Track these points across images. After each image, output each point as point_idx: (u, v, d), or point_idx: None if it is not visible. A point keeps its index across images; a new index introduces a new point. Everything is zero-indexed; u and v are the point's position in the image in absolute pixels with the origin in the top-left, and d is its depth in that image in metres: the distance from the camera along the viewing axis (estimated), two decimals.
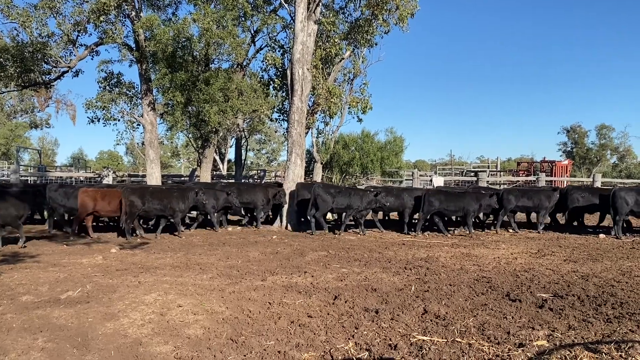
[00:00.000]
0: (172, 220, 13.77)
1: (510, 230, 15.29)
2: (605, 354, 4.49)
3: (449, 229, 14.98)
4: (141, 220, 14.13)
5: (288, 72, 17.43)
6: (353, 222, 15.60)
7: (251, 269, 9.10)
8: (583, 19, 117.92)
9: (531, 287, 7.76)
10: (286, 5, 18.33)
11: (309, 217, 14.79)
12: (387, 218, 18.16)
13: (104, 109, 18.98)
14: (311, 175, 23.97)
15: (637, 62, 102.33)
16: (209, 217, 15.07)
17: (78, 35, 18.54)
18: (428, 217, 14.89)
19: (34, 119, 55.96)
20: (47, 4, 16.77)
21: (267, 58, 20.56)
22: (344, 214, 15.22)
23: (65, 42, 18.33)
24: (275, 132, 52.95)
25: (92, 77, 50.30)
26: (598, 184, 21.58)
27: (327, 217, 17.30)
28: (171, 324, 5.85)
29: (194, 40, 17.84)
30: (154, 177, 19.62)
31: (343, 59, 21.07)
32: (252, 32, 21.64)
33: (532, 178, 27.29)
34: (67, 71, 19.25)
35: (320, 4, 17.12)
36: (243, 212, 16.32)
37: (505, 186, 25.76)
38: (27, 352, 4.96)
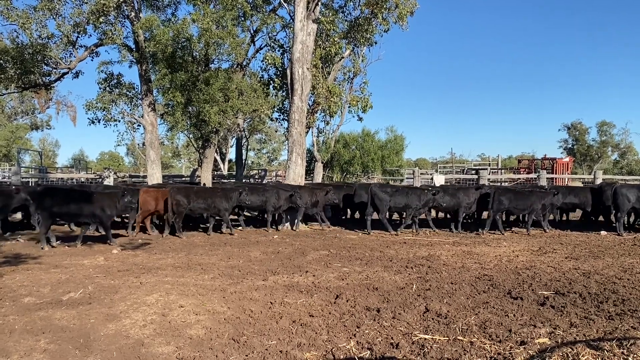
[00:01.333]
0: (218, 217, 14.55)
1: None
2: (607, 351, 4.49)
3: (449, 228, 14.98)
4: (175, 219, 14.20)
5: (288, 71, 17.44)
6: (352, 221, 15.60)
7: (253, 268, 9.11)
8: (583, 17, 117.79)
9: (532, 284, 7.76)
10: (285, 4, 18.33)
11: (365, 218, 14.75)
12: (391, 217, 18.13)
13: (104, 110, 19.01)
14: (312, 175, 23.99)
15: (637, 58, 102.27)
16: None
17: (78, 37, 18.56)
18: (498, 215, 14.68)
19: (34, 120, 56.07)
20: (47, 5, 16.78)
21: (267, 58, 20.58)
22: (403, 213, 15.20)
23: (65, 43, 18.34)
24: (276, 131, 53.00)
25: (92, 78, 50.51)
26: (599, 181, 21.56)
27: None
28: (173, 324, 5.86)
29: (193, 40, 17.85)
30: (154, 178, 19.64)
31: (343, 57, 21.09)
32: (252, 31, 21.65)
33: (533, 175, 27.28)
34: (67, 72, 19.27)
35: (320, 3, 17.13)
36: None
37: (506, 184, 25.75)
38: (30, 354, 4.96)
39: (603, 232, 14.40)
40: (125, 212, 13.54)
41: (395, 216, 17.58)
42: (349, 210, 18.15)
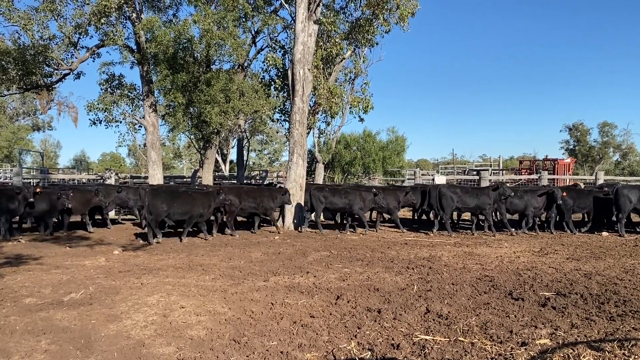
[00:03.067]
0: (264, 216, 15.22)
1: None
2: (608, 352, 4.49)
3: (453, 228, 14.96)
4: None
5: (289, 72, 17.43)
6: (356, 222, 15.58)
7: (253, 269, 9.11)
8: (585, 17, 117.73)
9: (534, 285, 7.75)
10: (287, 5, 18.35)
11: (444, 218, 14.71)
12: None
13: (105, 111, 19.01)
14: (313, 176, 23.97)
15: (639, 59, 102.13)
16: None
17: (79, 38, 18.56)
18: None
19: (36, 121, 56.13)
20: (48, 6, 16.79)
21: (268, 59, 20.57)
22: (469, 213, 15.21)
23: (67, 44, 18.35)
24: (277, 132, 52.95)
25: (94, 79, 50.59)
26: (601, 182, 21.53)
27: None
28: (174, 325, 5.86)
29: (194, 41, 17.85)
30: (156, 179, 19.65)
31: (344, 58, 21.07)
32: (253, 32, 21.65)
33: (534, 176, 27.24)
34: (69, 73, 19.29)
35: (321, 4, 17.12)
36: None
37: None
38: (31, 354, 4.97)
39: (604, 233, 14.38)
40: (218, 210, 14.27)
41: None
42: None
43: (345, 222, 15.44)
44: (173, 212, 12.78)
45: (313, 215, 15.85)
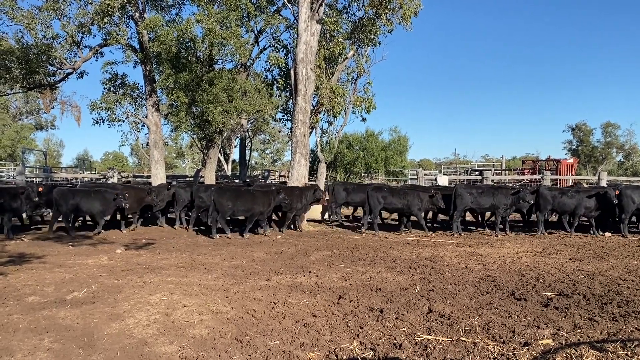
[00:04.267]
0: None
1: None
2: (611, 353, 4.48)
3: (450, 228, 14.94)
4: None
5: (292, 72, 17.44)
6: (358, 221, 15.58)
7: (256, 268, 9.11)
8: (588, 17, 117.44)
9: (536, 285, 7.74)
10: (289, 5, 18.34)
11: (454, 217, 14.67)
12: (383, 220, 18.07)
13: (108, 110, 19.04)
14: (315, 175, 23.97)
15: None
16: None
17: (82, 37, 18.59)
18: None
19: (39, 120, 56.27)
20: (52, 6, 16.82)
21: (271, 58, 20.54)
22: (487, 213, 15.15)
23: (70, 43, 18.37)
24: (279, 132, 52.98)
25: (97, 79, 50.69)
26: (604, 182, 21.47)
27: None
28: (176, 324, 5.87)
29: (197, 40, 17.87)
30: (158, 178, 19.68)
31: (347, 58, 21.03)
32: (256, 32, 21.64)
33: (537, 176, 27.19)
34: (72, 73, 19.31)
35: (324, 4, 17.13)
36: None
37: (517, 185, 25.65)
38: (34, 353, 4.98)
39: (607, 234, 14.35)
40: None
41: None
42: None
43: (401, 222, 15.36)
44: (237, 210, 13.64)
45: (363, 215, 15.88)
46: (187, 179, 31.18)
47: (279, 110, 22.20)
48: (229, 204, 13.50)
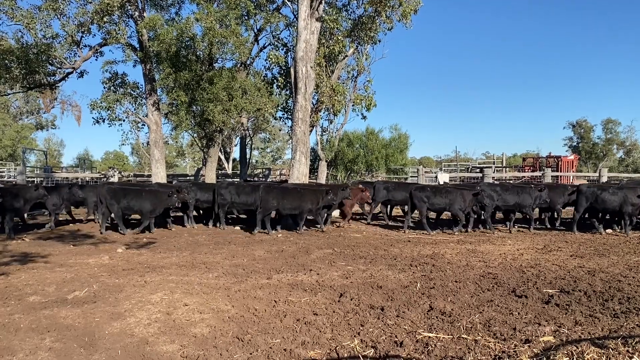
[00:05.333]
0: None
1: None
2: (612, 349, 4.47)
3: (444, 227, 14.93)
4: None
5: (292, 70, 17.44)
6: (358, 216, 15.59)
7: (257, 267, 9.12)
8: (588, 14, 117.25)
9: (537, 282, 7.74)
10: (289, 3, 18.35)
11: (484, 217, 14.65)
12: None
13: (108, 110, 19.06)
14: (316, 174, 23.97)
15: None
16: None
17: (82, 36, 18.61)
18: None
19: (39, 120, 56.33)
20: (51, 5, 16.83)
21: (271, 56, 20.54)
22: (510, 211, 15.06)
23: (70, 43, 18.39)
24: (280, 130, 53.04)
25: (97, 78, 50.72)
26: (604, 179, 21.46)
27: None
28: (177, 322, 5.88)
29: (197, 39, 17.87)
30: (159, 177, 19.70)
31: (346, 56, 21.03)
32: (256, 30, 21.64)
33: (537, 174, 27.18)
34: (72, 72, 19.33)
35: (323, 2, 17.12)
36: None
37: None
38: (35, 352, 4.99)
39: (608, 230, 14.32)
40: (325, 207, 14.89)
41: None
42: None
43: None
44: (283, 207, 14.15)
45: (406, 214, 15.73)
46: (188, 177, 31.21)
47: (279, 108, 22.22)
48: (273, 202, 13.97)
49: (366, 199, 15.90)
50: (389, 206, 17.67)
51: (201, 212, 16.60)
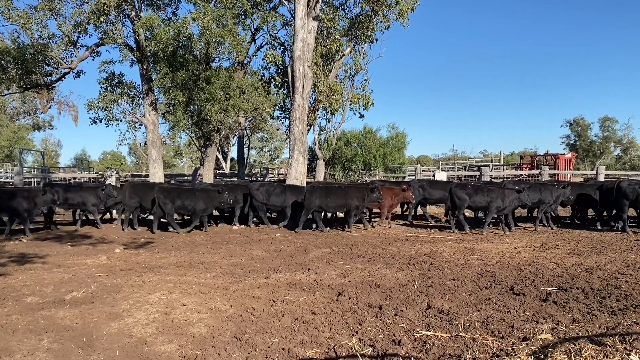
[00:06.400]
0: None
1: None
2: (610, 347, 4.48)
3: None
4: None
5: (289, 69, 17.43)
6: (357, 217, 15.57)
7: (255, 267, 9.11)
8: (585, 13, 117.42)
9: (535, 280, 7.76)
10: (286, 2, 18.33)
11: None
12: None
13: (105, 110, 18.98)
14: (314, 173, 23.98)
15: (639, 54, 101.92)
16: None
17: (79, 36, 18.54)
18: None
19: (36, 120, 56.09)
20: (47, 5, 16.77)
21: (268, 56, 20.55)
22: (535, 209, 15.04)
23: (66, 43, 18.33)
24: (277, 130, 52.92)
25: (94, 78, 50.45)
26: (602, 177, 21.50)
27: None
28: (175, 322, 5.87)
29: (194, 39, 17.83)
30: (156, 177, 19.65)
31: (344, 55, 21.06)
32: (252, 30, 21.63)
33: (535, 172, 27.23)
34: (69, 72, 19.27)
35: (320, 1, 17.10)
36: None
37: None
38: (33, 353, 4.98)
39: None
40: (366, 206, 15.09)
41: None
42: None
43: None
44: (326, 205, 14.39)
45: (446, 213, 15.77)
46: (186, 177, 31.18)
47: (277, 108, 22.22)
48: (316, 200, 14.17)
49: (409, 198, 15.52)
50: (424, 206, 17.46)
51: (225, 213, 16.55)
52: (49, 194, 13.82)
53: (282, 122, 25.07)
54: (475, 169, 33.64)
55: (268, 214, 15.64)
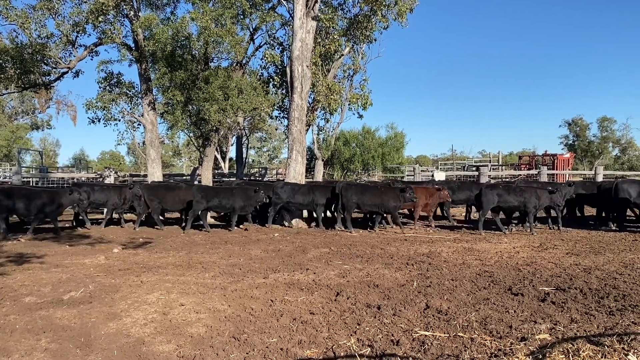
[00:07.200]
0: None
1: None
2: (608, 347, 4.49)
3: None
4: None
5: (287, 69, 17.41)
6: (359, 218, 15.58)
7: (253, 266, 9.11)
8: (584, 13, 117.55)
9: (533, 280, 7.76)
10: (285, 2, 18.31)
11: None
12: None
13: (104, 109, 18.96)
14: (313, 173, 23.96)
15: (638, 54, 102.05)
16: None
17: (77, 36, 18.52)
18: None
19: (35, 120, 56.01)
20: (46, 5, 16.75)
21: (267, 56, 20.51)
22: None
23: (65, 42, 18.31)
24: (276, 129, 52.90)
25: (92, 78, 50.26)
26: (600, 177, 21.52)
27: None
28: (174, 322, 5.87)
29: (192, 39, 17.80)
30: (155, 177, 19.65)
31: (342, 55, 21.03)
32: (251, 29, 21.59)
33: (533, 172, 27.24)
34: (67, 72, 19.24)
35: (319, 1, 17.09)
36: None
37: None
38: (31, 353, 4.97)
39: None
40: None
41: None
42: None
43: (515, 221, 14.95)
44: (362, 204, 14.60)
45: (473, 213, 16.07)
46: (185, 177, 31.15)
47: (276, 107, 22.18)
48: (353, 198, 14.41)
49: (445, 197, 15.33)
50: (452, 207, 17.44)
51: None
52: (75, 194, 14.04)
53: (281, 122, 25.04)
54: (474, 169, 33.67)
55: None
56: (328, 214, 16.52)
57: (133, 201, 15.33)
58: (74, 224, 15.61)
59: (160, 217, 15.49)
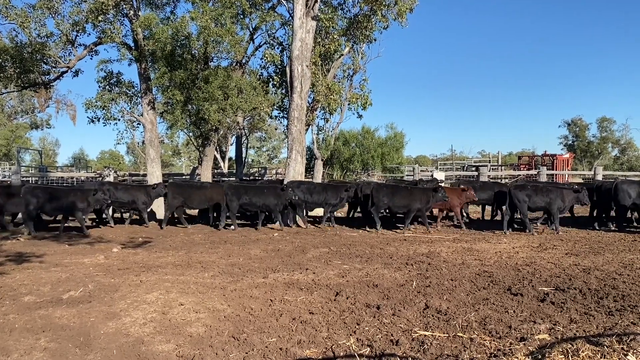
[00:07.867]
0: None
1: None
2: (607, 347, 4.49)
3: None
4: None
5: (287, 69, 17.42)
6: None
7: (252, 266, 9.11)
8: (583, 13, 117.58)
9: (533, 280, 7.76)
10: (284, 2, 18.32)
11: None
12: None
13: (104, 109, 18.91)
14: (312, 172, 23.95)
15: (637, 55, 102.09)
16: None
17: (77, 35, 18.48)
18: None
19: (34, 119, 55.99)
20: (45, 4, 16.72)
21: (266, 55, 20.51)
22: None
23: (64, 42, 18.27)
24: (276, 129, 52.92)
25: (92, 77, 50.16)
26: (599, 177, 21.52)
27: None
28: (173, 322, 5.86)
29: (192, 38, 17.79)
30: (154, 176, 19.61)
31: (342, 55, 21.02)
32: (251, 29, 21.59)
33: (533, 172, 27.25)
34: (67, 71, 19.20)
35: (319, 0, 17.09)
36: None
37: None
38: (30, 352, 4.97)
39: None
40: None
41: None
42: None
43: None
44: (393, 205, 14.64)
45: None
46: (184, 177, 31.13)
47: (275, 107, 22.17)
48: (384, 199, 14.43)
49: (472, 197, 15.39)
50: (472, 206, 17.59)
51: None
52: (100, 193, 14.18)
53: (281, 122, 25.01)
54: (474, 169, 33.67)
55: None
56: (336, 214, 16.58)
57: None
58: (96, 222, 15.98)
59: (176, 216, 15.89)
